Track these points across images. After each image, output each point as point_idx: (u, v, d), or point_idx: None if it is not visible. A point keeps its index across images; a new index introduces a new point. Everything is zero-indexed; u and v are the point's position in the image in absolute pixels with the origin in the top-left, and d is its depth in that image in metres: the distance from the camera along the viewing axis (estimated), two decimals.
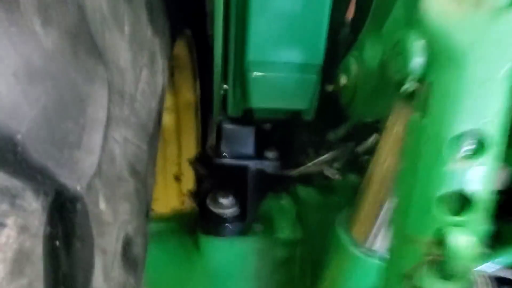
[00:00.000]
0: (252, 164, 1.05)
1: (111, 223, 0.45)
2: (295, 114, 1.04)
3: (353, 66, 0.81)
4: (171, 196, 2.30)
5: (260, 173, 1.14)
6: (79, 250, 0.39)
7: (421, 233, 0.43)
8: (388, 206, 0.72)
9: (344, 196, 1.34)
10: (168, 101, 1.90)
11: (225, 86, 0.99)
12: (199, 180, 1.71)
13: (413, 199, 0.44)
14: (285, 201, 1.43)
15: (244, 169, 1.07)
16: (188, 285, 1.33)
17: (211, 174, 1.47)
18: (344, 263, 0.79)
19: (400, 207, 0.48)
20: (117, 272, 0.48)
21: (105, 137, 0.43)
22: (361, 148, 1.28)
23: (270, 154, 1.08)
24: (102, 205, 0.43)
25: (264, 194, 1.41)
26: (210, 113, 1.96)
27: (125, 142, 0.49)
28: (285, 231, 1.30)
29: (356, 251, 0.75)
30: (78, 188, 0.39)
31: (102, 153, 0.43)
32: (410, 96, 0.51)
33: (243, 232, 1.25)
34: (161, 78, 0.68)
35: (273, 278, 1.31)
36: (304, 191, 1.38)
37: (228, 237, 1.24)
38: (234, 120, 1.04)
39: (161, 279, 1.36)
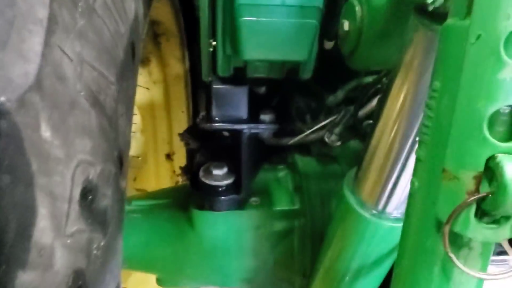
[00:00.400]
0: (246, 129, 0.96)
1: (61, 159, 0.36)
2: (292, 72, 0.95)
3: (357, 8, 0.71)
4: (163, 176, 2.21)
5: (255, 138, 1.05)
6: (8, 188, 0.31)
7: (465, 165, 0.35)
8: (402, 163, 0.64)
9: (346, 164, 1.26)
10: (156, 74, 1.79)
11: (213, 42, 0.89)
12: (191, 155, 1.62)
13: (455, 122, 0.35)
14: (282, 173, 1.35)
15: (238, 134, 0.98)
16: (183, 263, 1.26)
17: (203, 145, 1.38)
18: (354, 228, 0.71)
19: (434, 138, 0.40)
20: (76, 226, 0.39)
21: (47, 44, 0.34)
22: (362, 112, 1.19)
23: (266, 117, 0.99)
24: (46, 132, 0.34)
25: (260, 164, 1.33)
26: (201, 85, 1.88)
27: (81, 62, 0.40)
28: (283, 203, 1.22)
29: (367, 214, 0.68)
30: (3, 99, 0.30)
31: (43, 63, 0.34)
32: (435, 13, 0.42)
33: (239, 205, 1.18)
34: (132, 3, 0.58)
35: (271, 253, 1.24)
36: (302, 161, 1.30)
37: (223, 211, 1.16)
38: (224, 80, 0.95)
39: (154, 257, 1.29)
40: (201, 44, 0.91)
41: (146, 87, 1.80)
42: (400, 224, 0.70)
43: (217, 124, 0.95)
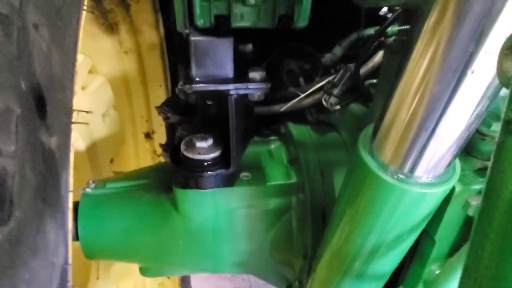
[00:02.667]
0: (233, 89, 0.81)
1: None
2: (285, 20, 0.79)
3: None
4: (143, 157, 2.05)
5: (244, 103, 0.90)
6: None
7: None
8: (434, 116, 0.50)
9: (346, 131, 1.12)
10: (127, 43, 1.61)
11: None
12: (171, 130, 1.46)
13: None
14: (275, 144, 1.21)
15: (223, 97, 0.83)
16: (168, 249, 1.12)
17: (184, 118, 1.23)
18: (374, 196, 0.58)
19: None
20: None
21: None
22: (364, 70, 1.06)
23: (256, 74, 0.83)
24: None
25: (249, 135, 1.18)
26: (179, 55, 1.70)
27: None
28: (278, 177, 1.08)
29: (391, 179, 0.55)
30: None
31: None
32: None
33: (228, 182, 1.03)
34: None
35: (267, 233, 1.11)
36: (297, 130, 1.16)
37: (210, 189, 1.01)
38: (205, 32, 0.79)
39: (135, 245, 1.14)
40: None
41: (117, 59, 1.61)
42: (433, 190, 0.58)
43: (198, 85, 0.79)
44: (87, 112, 0.81)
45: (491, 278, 0.30)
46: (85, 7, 0.64)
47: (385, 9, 1.43)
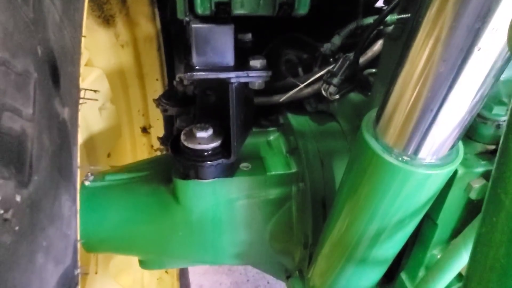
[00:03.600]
0: (234, 77, 0.80)
1: None
2: (286, 7, 0.79)
3: None
4: (140, 151, 2.04)
5: (244, 90, 0.89)
6: None
7: None
8: (438, 96, 0.51)
9: (345, 120, 1.13)
10: (123, 36, 1.59)
11: None
12: (169, 123, 1.46)
13: None
14: (275, 135, 1.21)
15: (224, 86, 0.82)
16: (168, 241, 1.11)
17: (183, 109, 1.22)
18: (379, 179, 0.58)
19: None
20: None
21: None
22: (363, 59, 1.06)
23: (257, 62, 0.83)
24: None
25: (249, 126, 1.18)
26: (176, 47, 1.69)
27: None
28: (278, 167, 1.08)
29: (396, 161, 0.55)
30: None
31: None
32: None
33: (228, 172, 1.03)
34: None
35: (267, 223, 1.11)
36: (296, 120, 1.16)
37: (210, 179, 1.01)
38: (205, 20, 0.78)
39: (135, 237, 1.13)
40: None
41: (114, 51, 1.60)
42: (437, 171, 0.59)
43: (199, 73, 0.79)
44: (94, 91, 0.80)
45: (507, 242, 0.30)
46: None
47: (380, 2, 1.44)
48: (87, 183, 1.12)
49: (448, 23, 0.46)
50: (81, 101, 0.62)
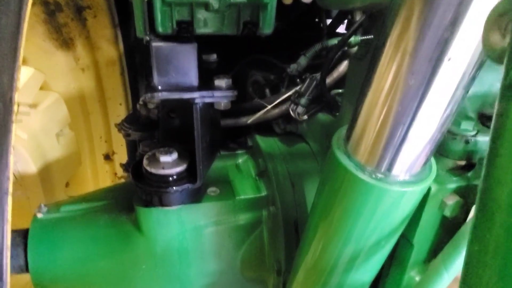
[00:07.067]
0: (199, 97, 0.77)
1: None
2: (250, 26, 0.77)
3: None
4: (103, 180, 1.94)
5: (210, 112, 0.85)
6: None
7: None
8: (409, 112, 0.49)
9: (314, 141, 1.11)
10: (84, 59, 1.53)
11: None
12: (132, 149, 1.39)
13: None
14: (243, 158, 1.17)
15: (188, 107, 0.78)
16: (130, 276, 1.03)
17: (145, 129, 1.16)
18: (352, 199, 0.55)
19: None
20: None
21: None
22: (330, 79, 1.05)
23: (221, 82, 0.80)
24: None
25: (216, 149, 1.14)
26: (141, 71, 1.64)
27: None
28: (247, 190, 1.04)
29: (369, 178, 0.52)
30: None
31: None
32: None
33: (195, 198, 0.97)
34: None
35: (237, 251, 1.05)
36: (264, 142, 1.13)
37: (175, 206, 0.95)
38: (167, 38, 0.75)
39: (93, 273, 1.04)
40: None
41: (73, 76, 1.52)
42: (412, 188, 0.56)
43: (161, 94, 0.74)
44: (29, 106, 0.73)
45: (503, 238, 0.27)
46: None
47: (342, 27, 1.47)
48: (39, 215, 1.03)
49: (416, 35, 0.45)
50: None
